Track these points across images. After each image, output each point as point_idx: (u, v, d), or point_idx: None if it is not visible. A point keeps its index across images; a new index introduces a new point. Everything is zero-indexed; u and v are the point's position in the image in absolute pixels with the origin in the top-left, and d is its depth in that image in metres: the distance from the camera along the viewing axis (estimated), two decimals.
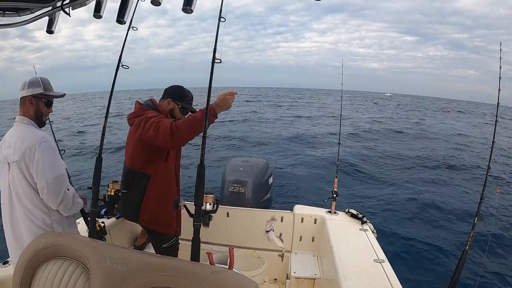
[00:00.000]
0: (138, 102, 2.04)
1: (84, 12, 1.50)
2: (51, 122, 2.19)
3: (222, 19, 1.25)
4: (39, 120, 1.64)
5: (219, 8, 1.26)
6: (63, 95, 1.71)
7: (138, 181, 1.81)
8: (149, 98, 2.05)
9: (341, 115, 3.44)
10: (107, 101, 1.76)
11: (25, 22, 1.51)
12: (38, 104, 1.61)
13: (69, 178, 1.67)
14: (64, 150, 1.99)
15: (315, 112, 25.90)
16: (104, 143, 1.73)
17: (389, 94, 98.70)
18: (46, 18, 1.57)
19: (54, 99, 1.67)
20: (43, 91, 1.60)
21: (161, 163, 1.83)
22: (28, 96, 1.57)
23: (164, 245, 1.86)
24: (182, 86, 2.08)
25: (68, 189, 1.54)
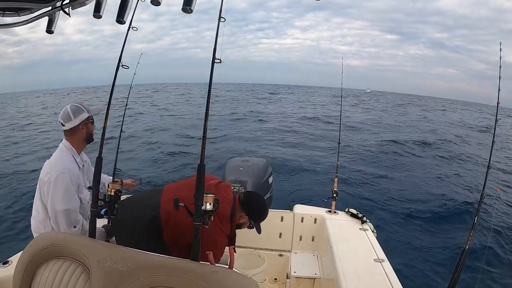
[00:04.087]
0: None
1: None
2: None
3: (222, 19, 1.24)
4: (90, 139, 1.83)
5: (219, 8, 1.26)
6: (102, 110, 1.87)
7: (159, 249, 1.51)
8: (235, 199, 1.73)
9: (341, 114, 3.46)
10: (88, 96, 1.75)
11: (25, 22, 1.50)
12: (88, 126, 1.79)
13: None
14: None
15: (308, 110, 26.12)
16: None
17: (368, 91, 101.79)
18: (46, 18, 1.56)
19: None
20: (88, 114, 1.78)
21: None
22: (79, 124, 1.74)
23: None
24: (265, 205, 1.83)
25: (74, 227, 1.63)
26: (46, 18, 1.53)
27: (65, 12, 1.44)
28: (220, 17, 1.24)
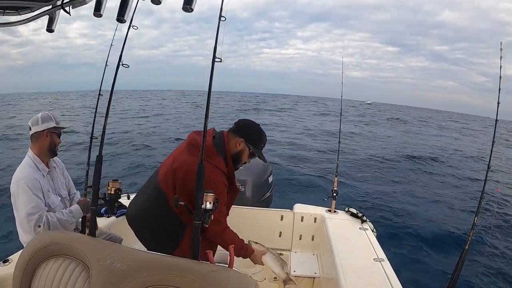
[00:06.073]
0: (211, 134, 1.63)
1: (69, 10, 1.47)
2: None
3: (222, 18, 1.24)
4: (53, 151, 1.84)
5: (220, 7, 1.26)
6: (70, 126, 1.99)
7: (172, 227, 1.55)
8: (221, 132, 1.67)
9: (341, 114, 3.45)
10: (89, 99, 1.74)
11: (25, 20, 1.50)
12: (53, 136, 1.81)
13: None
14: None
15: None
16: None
17: (369, 102, 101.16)
18: (46, 17, 1.56)
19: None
20: (55, 125, 1.80)
21: None
22: (43, 130, 1.77)
23: None
24: (260, 127, 1.71)
25: (39, 226, 1.66)
26: (47, 17, 1.53)
27: (65, 10, 1.44)
28: (220, 15, 1.24)
